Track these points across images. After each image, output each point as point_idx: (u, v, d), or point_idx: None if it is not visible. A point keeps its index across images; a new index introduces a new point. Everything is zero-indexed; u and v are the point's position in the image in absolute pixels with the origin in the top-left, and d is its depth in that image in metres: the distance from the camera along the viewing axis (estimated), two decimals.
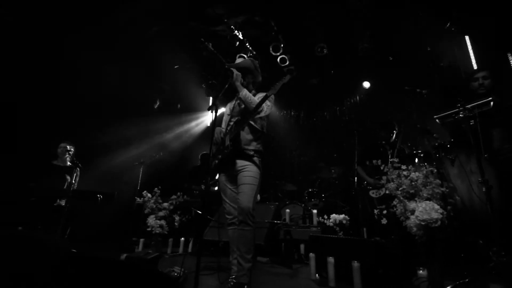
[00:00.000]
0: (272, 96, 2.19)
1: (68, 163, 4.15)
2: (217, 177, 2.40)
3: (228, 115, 2.45)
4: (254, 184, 2.10)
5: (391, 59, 5.46)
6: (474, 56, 4.62)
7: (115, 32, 4.80)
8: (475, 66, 4.51)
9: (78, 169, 3.83)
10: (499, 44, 4.27)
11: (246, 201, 2.02)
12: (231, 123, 2.33)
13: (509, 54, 4.27)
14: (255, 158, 2.20)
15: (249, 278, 1.93)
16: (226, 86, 2.24)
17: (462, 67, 4.57)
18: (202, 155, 5.63)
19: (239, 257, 1.97)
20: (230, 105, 2.52)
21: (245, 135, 2.24)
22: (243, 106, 2.30)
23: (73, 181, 3.94)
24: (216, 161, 2.30)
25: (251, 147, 2.22)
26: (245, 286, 1.89)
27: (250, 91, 2.28)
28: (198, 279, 1.55)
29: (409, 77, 4.79)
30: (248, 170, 2.14)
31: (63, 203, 3.71)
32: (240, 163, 2.17)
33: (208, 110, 2.02)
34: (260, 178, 2.18)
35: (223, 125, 2.45)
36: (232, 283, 1.98)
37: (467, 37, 4.74)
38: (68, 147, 4.10)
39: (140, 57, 5.48)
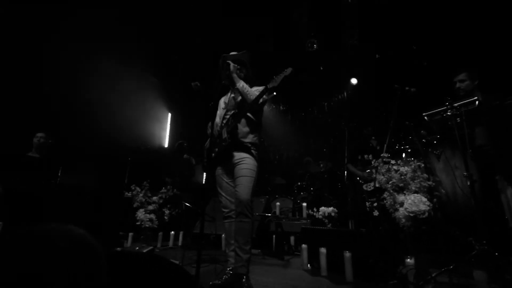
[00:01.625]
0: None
1: (43, 154, 3.81)
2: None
3: (223, 109, 2.41)
4: (251, 176, 2.11)
5: (377, 56, 5.62)
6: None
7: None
8: None
9: (53, 161, 3.64)
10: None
11: (245, 193, 2.03)
12: (227, 117, 2.30)
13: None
14: (252, 151, 2.20)
15: (248, 269, 1.96)
16: (223, 81, 2.23)
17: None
18: (178, 144, 5.41)
19: (237, 248, 1.98)
20: (224, 99, 2.49)
21: (242, 127, 2.23)
22: (239, 99, 2.28)
23: (50, 174, 3.73)
24: (213, 154, 2.29)
25: (248, 140, 2.21)
26: (244, 277, 1.92)
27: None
28: (199, 270, 1.56)
29: (396, 75, 4.94)
30: (246, 163, 2.13)
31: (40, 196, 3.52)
32: (238, 155, 2.16)
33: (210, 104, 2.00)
34: (257, 171, 2.18)
35: (218, 119, 2.41)
36: (230, 274, 2.00)
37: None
38: (44, 137, 3.78)
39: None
